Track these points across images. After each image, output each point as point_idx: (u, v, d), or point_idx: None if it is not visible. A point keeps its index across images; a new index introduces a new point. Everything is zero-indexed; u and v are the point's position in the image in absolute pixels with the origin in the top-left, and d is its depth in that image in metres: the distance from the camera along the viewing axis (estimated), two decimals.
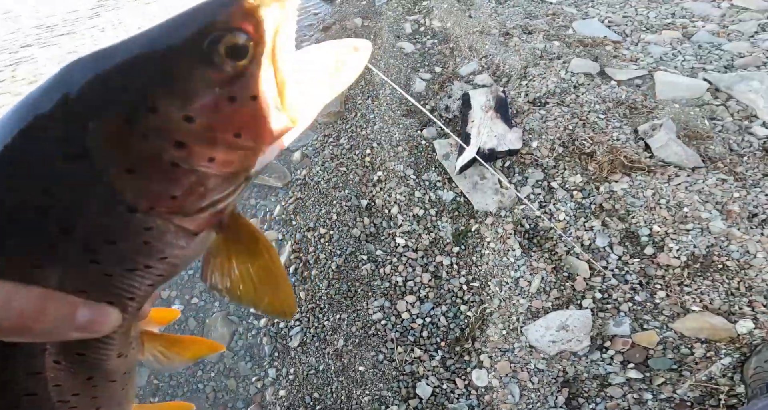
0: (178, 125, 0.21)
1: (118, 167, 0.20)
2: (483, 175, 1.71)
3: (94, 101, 0.20)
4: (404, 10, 3.51)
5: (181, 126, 0.21)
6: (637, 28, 2.29)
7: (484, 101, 1.86)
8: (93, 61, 0.21)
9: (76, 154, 0.20)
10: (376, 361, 1.43)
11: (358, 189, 1.91)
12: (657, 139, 1.58)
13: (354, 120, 2.28)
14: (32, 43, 4.46)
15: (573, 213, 1.57)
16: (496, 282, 1.54)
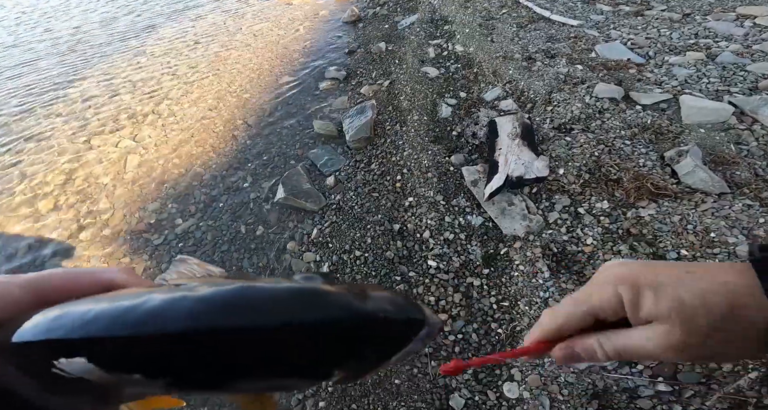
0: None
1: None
2: (511, 201, 1.79)
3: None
4: (426, 34, 3.65)
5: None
6: (660, 49, 2.33)
7: (511, 128, 1.95)
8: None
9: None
10: (411, 375, 1.50)
11: (391, 214, 2.01)
12: (683, 166, 1.62)
13: (384, 146, 2.40)
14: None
15: (600, 238, 1.62)
16: (526, 302, 1.60)
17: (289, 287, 0.23)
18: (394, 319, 0.24)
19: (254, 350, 0.21)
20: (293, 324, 0.21)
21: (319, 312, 0.22)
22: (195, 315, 0.21)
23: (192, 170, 2.72)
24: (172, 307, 0.21)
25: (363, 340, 0.23)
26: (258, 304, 0.22)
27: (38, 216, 2.53)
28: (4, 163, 3.09)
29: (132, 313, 0.21)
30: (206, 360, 0.21)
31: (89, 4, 8.04)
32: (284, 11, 5.71)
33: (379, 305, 0.24)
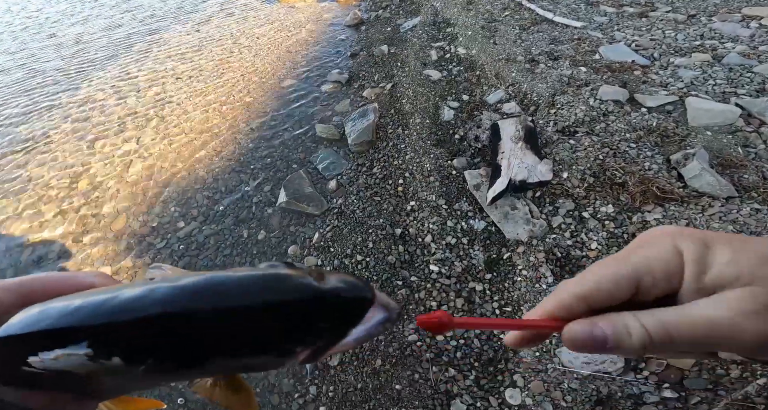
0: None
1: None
2: (514, 205, 1.77)
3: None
4: (429, 37, 3.64)
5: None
6: (665, 51, 2.31)
7: (514, 131, 1.93)
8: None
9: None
10: (412, 380, 1.49)
11: (393, 218, 2.00)
12: (690, 169, 1.59)
13: (386, 149, 2.39)
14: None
15: (605, 243, 1.60)
16: (529, 307, 1.58)
17: (252, 273, 0.25)
18: (345, 296, 0.26)
19: (222, 329, 0.23)
20: (255, 304, 0.23)
21: (277, 292, 0.24)
22: (168, 300, 0.23)
23: (194, 173, 2.72)
24: (146, 295, 0.23)
25: (317, 316, 0.25)
26: (224, 288, 0.24)
27: (42, 220, 2.54)
28: (10, 167, 3.12)
29: (109, 303, 0.23)
30: (179, 342, 0.23)
31: (93, 9, 8.14)
32: (287, 14, 5.74)
33: (333, 284, 0.26)
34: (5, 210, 2.68)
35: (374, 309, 0.27)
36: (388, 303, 0.28)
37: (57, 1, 9.39)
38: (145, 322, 0.22)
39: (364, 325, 0.27)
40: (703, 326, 0.23)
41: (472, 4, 3.87)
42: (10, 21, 8.13)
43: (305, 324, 0.24)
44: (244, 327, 0.23)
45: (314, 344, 0.25)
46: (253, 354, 0.24)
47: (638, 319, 0.24)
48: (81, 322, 0.22)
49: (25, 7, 9.56)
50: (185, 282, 0.24)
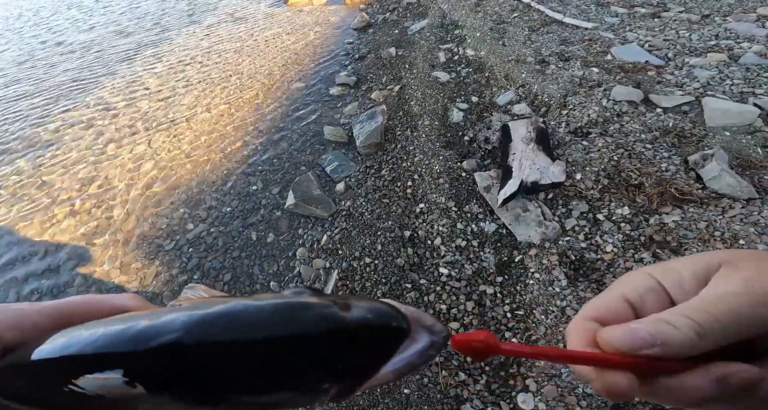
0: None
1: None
2: (526, 207, 1.74)
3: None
4: (437, 39, 3.63)
5: None
6: (680, 51, 2.27)
7: (525, 133, 1.90)
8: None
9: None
10: (421, 384, 1.46)
11: (401, 220, 1.98)
12: (709, 170, 1.55)
13: (394, 152, 2.37)
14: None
15: (621, 245, 1.56)
16: (542, 311, 1.54)
17: (275, 302, 0.24)
18: (374, 328, 0.24)
19: (239, 362, 0.22)
20: (272, 337, 0.22)
21: (297, 324, 0.23)
22: (187, 328, 0.22)
23: (204, 176, 2.74)
24: (167, 323, 0.23)
25: (345, 349, 0.23)
26: (243, 318, 0.23)
27: (55, 222, 2.57)
28: (23, 169, 3.17)
29: (128, 331, 0.23)
30: (199, 373, 0.22)
31: (102, 16, 8.30)
32: (295, 18, 5.78)
33: (360, 314, 0.24)
34: (18, 212, 2.72)
35: (417, 334, 0.25)
36: (431, 326, 0.26)
37: (68, 7, 9.60)
38: (163, 351, 0.22)
39: (402, 355, 0.25)
40: (732, 300, 0.22)
41: (480, 6, 3.86)
42: (21, 27, 8.32)
43: (329, 360, 0.23)
44: (262, 361, 0.22)
45: (342, 380, 0.24)
46: (274, 390, 0.23)
47: (673, 312, 0.23)
48: (103, 350, 0.22)
49: (37, 12, 9.78)
50: (205, 310, 0.23)
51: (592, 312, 0.27)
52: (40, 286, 2.17)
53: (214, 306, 0.24)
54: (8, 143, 3.63)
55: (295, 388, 0.23)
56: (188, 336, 0.22)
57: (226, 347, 0.22)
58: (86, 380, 0.22)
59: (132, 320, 0.24)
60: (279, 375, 0.22)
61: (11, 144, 3.60)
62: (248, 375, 0.22)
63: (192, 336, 0.22)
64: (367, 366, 0.24)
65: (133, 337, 0.22)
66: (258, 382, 0.23)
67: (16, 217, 2.67)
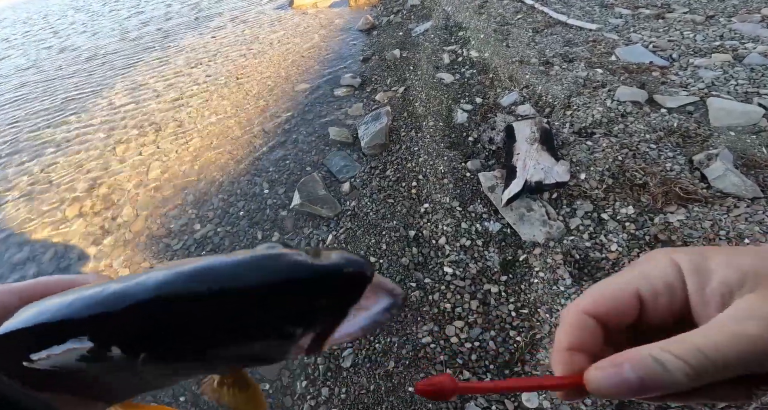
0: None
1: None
2: (530, 207, 1.75)
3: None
4: (441, 40, 3.66)
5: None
6: (684, 52, 2.27)
7: (529, 133, 1.91)
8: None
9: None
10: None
11: (406, 220, 2.00)
12: (714, 170, 1.55)
13: (399, 152, 2.39)
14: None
15: (626, 245, 1.57)
16: (546, 310, 1.55)
17: (246, 255, 0.24)
18: (341, 272, 0.25)
19: (216, 311, 0.22)
20: (248, 284, 0.23)
21: (270, 271, 0.23)
22: (162, 285, 0.22)
23: (211, 177, 2.77)
24: (139, 283, 0.23)
25: (312, 293, 0.24)
26: (218, 271, 0.23)
27: (64, 222, 2.61)
28: (34, 170, 3.22)
29: (102, 293, 0.23)
30: (176, 327, 0.22)
31: (110, 22, 8.39)
32: (300, 20, 5.83)
33: (327, 261, 0.25)
34: (29, 212, 2.76)
35: (378, 295, 0.26)
36: (392, 289, 0.27)
37: (76, 11, 9.72)
38: (139, 309, 0.22)
39: (368, 313, 0.26)
40: (740, 338, 0.20)
41: (484, 8, 3.88)
42: (28, 31, 8.44)
43: (301, 303, 0.24)
44: (238, 309, 0.23)
45: (314, 325, 0.25)
46: (252, 337, 0.24)
47: (663, 348, 0.21)
48: (76, 314, 0.22)
49: (45, 17, 9.92)
50: (179, 268, 0.23)
51: (592, 305, 0.25)
52: None
53: (187, 264, 0.24)
54: (19, 144, 3.69)
55: (271, 334, 0.24)
56: (160, 292, 0.22)
57: (200, 299, 0.22)
58: (61, 347, 0.22)
59: (103, 286, 0.24)
60: (255, 321, 0.23)
61: (22, 145, 3.66)
62: (223, 326, 0.23)
63: (165, 292, 0.22)
64: (335, 311, 0.25)
65: (107, 298, 0.22)
66: (233, 333, 0.23)
67: (27, 217, 2.72)
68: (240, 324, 0.23)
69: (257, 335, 0.24)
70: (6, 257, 2.45)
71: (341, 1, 6.35)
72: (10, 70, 6.23)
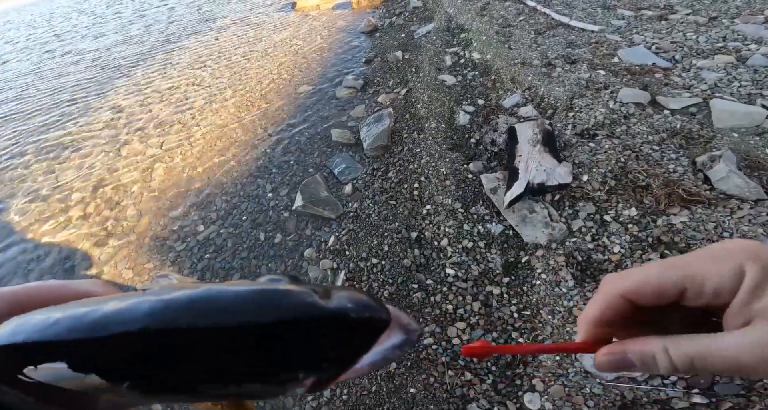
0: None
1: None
2: (532, 209, 1.75)
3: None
4: (443, 42, 3.66)
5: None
6: (687, 53, 2.26)
7: (531, 135, 1.91)
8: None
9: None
10: (427, 384, 1.47)
11: (408, 222, 2.00)
12: (717, 171, 1.55)
13: (401, 154, 2.40)
14: None
15: (629, 246, 1.56)
16: (548, 311, 1.55)
17: (251, 288, 0.22)
18: (355, 318, 0.23)
19: (210, 351, 0.21)
20: (248, 324, 0.21)
21: (275, 311, 0.21)
22: (153, 314, 0.20)
23: (214, 178, 2.78)
24: (130, 309, 0.21)
25: (321, 339, 0.22)
26: (216, 304, 0.21)
27: (69, 223, 2.63)
28: (39, 172, 3.25)
29: (90, 316, 0.21)
30: (165, 361, 0.20)
31: (113, 22, 8.45)
32: (302, 22, 5.86)
33: (340, 303, 0.23)
34: (34, 213, 2.78)
35: (391, 329, 0.24)
36: (407, 324, 0.26)
37: (80, 13, 9.79)
38: (124, 338, 0.20)
39: (379, 348, 0.24)
40: (729, 361, 0.23)
41: (486, 10, 3.89)
42: (37, 33, 8.52)
43: (307, 349, 0.22)
44: (235, 350, 0.21)
45: (319, 371, 0.23)
46: (247, 380, 0.22)
47: (666, 350, 0.25)
48: (57, 337, 0.21)
49: (49, 19, 10.00)
50: (175, 295, 0.22)
51: (633, 292, 0.27)
52: None
53: (183, 291, 0.22)
54: (25, 146, 3.72)
55: (269, 378, 0.22)
56: (154, 322, 0.20)
57: (196, 334, 0.20)
58: (38, 369, 0.20)
59: (94, 305, 0.22)
60: (253, 365, 0.21)
61: (28, 147, 3.69)
62: (219, 363, 0.21)
63: (158, 322, 0.20)
64: (345, 357, 0.23)
65: (94, 323, 0.21)
66: (229, 371, 0.21)
67: (32, 218, 2.74)
68: (233, 366, 0.21)
69: (256, 376, 0.22)
70: (11, 257, 2.47)
71: (343, 3, 6.38)
72: (15, 72, 6.29)
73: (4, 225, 2.72)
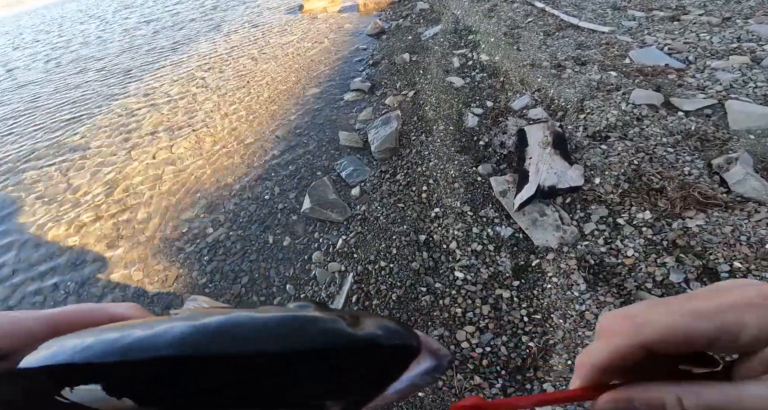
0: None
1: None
2: (543, 212, 1.72)
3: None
4: (450, 44, 3.65)
5: None
6: (701, 54, 2.23)
7: (541, 137, 1.89)
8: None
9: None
10: (435, 387, 1.45)
11: (417, 225, 1.99)
12: (733, 174, 1.51)
13: (409, 156, 2.39)
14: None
15: (643, 250, 1.53)
16: (560, 315, 1.52)
17: (278, 315, 0.23)
18: (385, 345, 0.23)
19: (238, 377, 0.21)
20: (276, 351, 0.21)
21: (303, 339, 0.22)
22: (183, 341, 0.21)
23: (223, 181, 2.80)
24: (162, 334, 0.21)
25: (349, 367, 0.22)
26: (244, 332, 0.22)
27: (81, 225, 2.66)
28: (53, 175, 3.30)
29: (125, 339, 0.22)
30: (194, 387, 0.21)
31: (124, 28, 8.58)
32: (310, 25, 5.89)
33: (369, 331, 0.23)
34: (47, 215, 2.82)
35: (421, 356, 0.24)
36: (436, 349, 0.25)
37: (89, 17, 9.97)
38: (156, 363, 0.21)
39: (408, 375, 0.24)
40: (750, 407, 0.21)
41: (494, 11, 3.87)
42: (45, 38, 8.69)
43: (335, 377, 0.22)
44: (263, 377, 0.21)
45: (347, 399, 0.23)
46: (273, 407, 0.22)
47: (678, 397, 0.23)
48: (93, 359, 0.21)
49: (61, 24, 10.19)
50: (203, 322, 0.22)
51: (657, 343, 0.24)
52: (66, 287, 2.25)
53: (213, 317, 0.22)
54: (38, 150, 3.79)
55: (296, 406, 0.22)
56: (184, 348, 0.21)
57: (225, 360, 0.21)
58: (74, 390, 0.21)
59: (126, 329, 0.23)
60: (280, 391, 0.21)
61: (41, 150, 3.76)
62: (247, 390, 0.21)
63: (188, 348, 0.21)
64: (373, 386, 0.23)
65: (126, 347, 0.21)
66: (257, 398, 0.21)
67: (44, 220, 2.78)
68: (261, 393, 0.21)
69: (282, 404, 0.22)
70: (24, 258, 2.51)
71: (350, 5, 6.41)
72: (26, 76, 6.41)
73: (19, 227, 2.77)
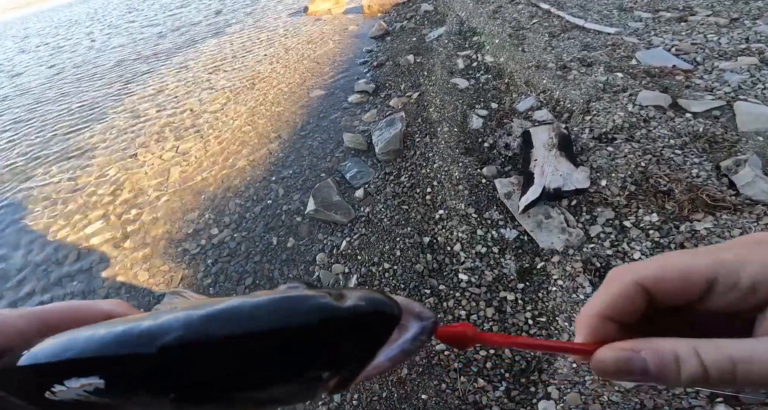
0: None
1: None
2: (548, 214, 1.71)
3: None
4: (455, 46, 3.65)
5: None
6: (709, 55, 2.20)
7: (547, 139, 1.88)
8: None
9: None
10: (438, 390, 1.44)
11: (420, 226, 1.98)
12: (742, 176, 1.49)
13: (413, 158, 2.38)
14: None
15: (650, 253, 1.52)
16: (565, 318, 1.51)
17: (268, 297, 0.24)
18: (367, 314, 0.24)
19: (240, 357, 0.22)
20: (270, 329, 0.23)
21: (293, 315, 0.23)
22: (185, 327, 0.22)
23: (228, 182, 2.81)
24: (167, 323, 0.23)
25: (338, 338, 0.24)
26: (240, 314, 0.23)
27: (88, 225, 2.69)
28: (61, 175, 3.33)
29: (127, 334, 0.23)
30: (201, 371, 0.22)
31: (129, 31, 8.66)
32: (314, 26, 5.92)
33: (353, 302, 0.24)
34: (53, 216, 2.85)
35: (407, 322, 0.26)
36: (419, 312, 0.26)
37: (94, 21, 10.10)
38: (161, 353, 0.22)
39: (397, 342, 0.25)
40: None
41: (498, 13, 3.86)
42: (52, 41, 8.81)
43: (327, 348, 0.23)
44: (261, 354, 0.22)
45: (341, 369, 0.24)
46: (274, 383, 0.23)
47: (695, 348, 0.19)
48: (100, 353, 0.22)
49: (69, 26, 10.32)
50: (201, 310, 0.23)
51: (653, 279, 0.22)
52: (72, 287, 2.27)
53: (209, 305, 0.24)
54: (45, 150, 3.83)
55: (295, 379, 0.23)
56: (187, 335, 0.22)
57: (225, 343, 0.22)
58: (79, 384, 0.22)
59: (130, 322, 0.24)
60: (278, 367, 0.23)
61: (48, 151, 3.80)
62: (247, 369, 0.22)
63: (190, 334, 0.22)
64: (363, 353, 0.25)
65: (131, 339, 0.22)
66: (258, 376, 0.23)
67: (51, 220, 2.80)
68: (264, 368, 0.23)
69: (282, 379, 0.23)
70: (31, 259, 2.53)
71: (355, 7, 6.43)
72: (34, 78, 6.49)
73: (25, 227, 2.80)
